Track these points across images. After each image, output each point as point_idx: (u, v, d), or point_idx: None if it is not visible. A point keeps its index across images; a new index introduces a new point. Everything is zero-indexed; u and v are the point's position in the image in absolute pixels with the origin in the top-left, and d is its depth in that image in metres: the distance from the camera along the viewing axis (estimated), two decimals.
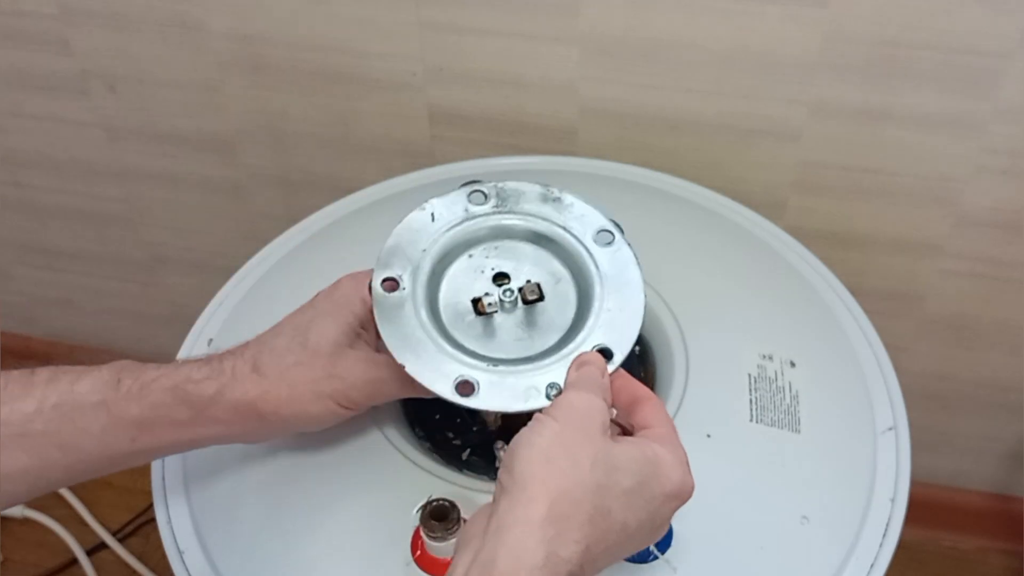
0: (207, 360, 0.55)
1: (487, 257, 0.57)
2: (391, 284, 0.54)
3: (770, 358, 0.66)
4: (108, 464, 0.55)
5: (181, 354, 0.71)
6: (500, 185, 0.58)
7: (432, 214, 0.55)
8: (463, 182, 0.57)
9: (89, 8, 0.95)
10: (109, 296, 1.26)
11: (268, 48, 0.93)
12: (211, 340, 0.72)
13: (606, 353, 0.53)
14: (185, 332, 0.73)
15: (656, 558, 0.55)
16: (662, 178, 0.83)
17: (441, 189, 0.54)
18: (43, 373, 0.52)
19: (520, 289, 0.55)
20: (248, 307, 0.74)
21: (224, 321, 0.73)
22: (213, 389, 0.54)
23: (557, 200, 0.57)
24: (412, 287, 0.54)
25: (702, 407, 0.63)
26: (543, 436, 0.47)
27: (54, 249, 1.22)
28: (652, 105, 0.88)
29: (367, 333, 0.57)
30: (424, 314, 0.54)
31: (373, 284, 0.54)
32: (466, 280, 0.57)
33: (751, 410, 0.63)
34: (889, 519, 0.60)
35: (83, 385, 0.52)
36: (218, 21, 0.93)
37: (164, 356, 0.71)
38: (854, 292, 0.74)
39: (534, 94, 0.90)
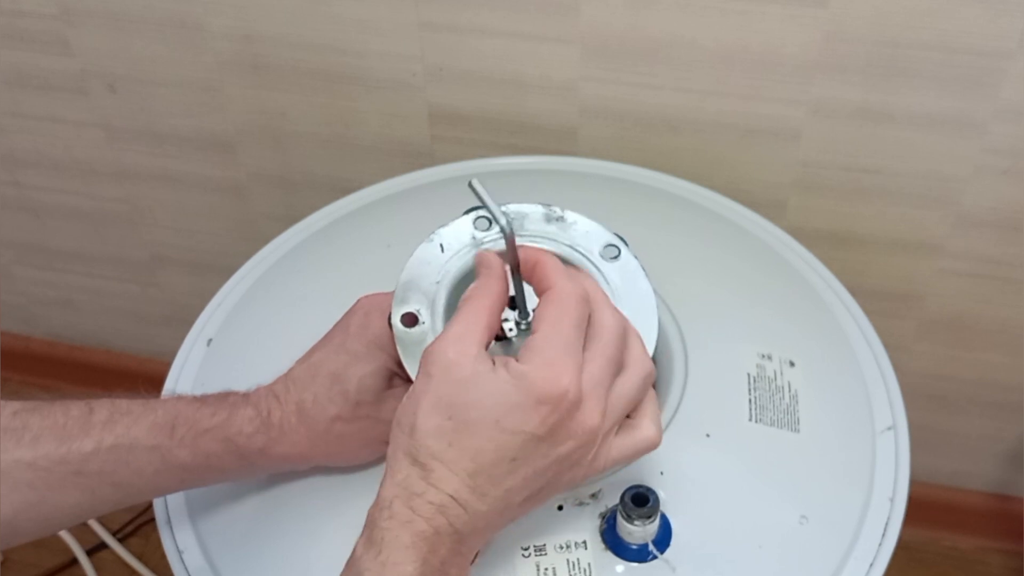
0: (254, 405, 0.56)
1: None
2: (410, 319, 0.54)
3: (769, 358, 0.66)
4: (154, 496, 0.59)
5: (181, 354, 0.71)
6: (504, 208, 0.58)
7: (441, 245, 0.55)
8: (467, 209, 0.57)
9: (89, 8, 0.95)
10: (109, 296, 1.26)
11: (268, 48, 0.93)
12: (210, 340, 0.72)
13: None
14: (185, 332, 0.73)
15: (655, 557, 0.56)
16: (662, 178, 0.83)
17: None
18: (101, 412, 0.54)
19: (535, 310, 0.55)
20: (248, 307, 0.74)
21: (223, 321, 0.73)
22: (262, 443, 0.56)
23: (560, 219, 0.57)
24: (431, 321, 0.54)
25: (701, 407, 0.63)
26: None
27: (54, 249, 1.22)
28: (652, 105, 0.88)
29: (402, 368, 0.57)
30: None
31: (393, 321, 0.54)
32: None
33: (750, 410, 0.63)
34: (888, 519, 0.61)
35: (139, 429, 0.54)
36: (218, 21, 0.93)
37: (164, 356, 0.71)
38: (854, 292, 0.74)
39: (534, 94, 0.90)
